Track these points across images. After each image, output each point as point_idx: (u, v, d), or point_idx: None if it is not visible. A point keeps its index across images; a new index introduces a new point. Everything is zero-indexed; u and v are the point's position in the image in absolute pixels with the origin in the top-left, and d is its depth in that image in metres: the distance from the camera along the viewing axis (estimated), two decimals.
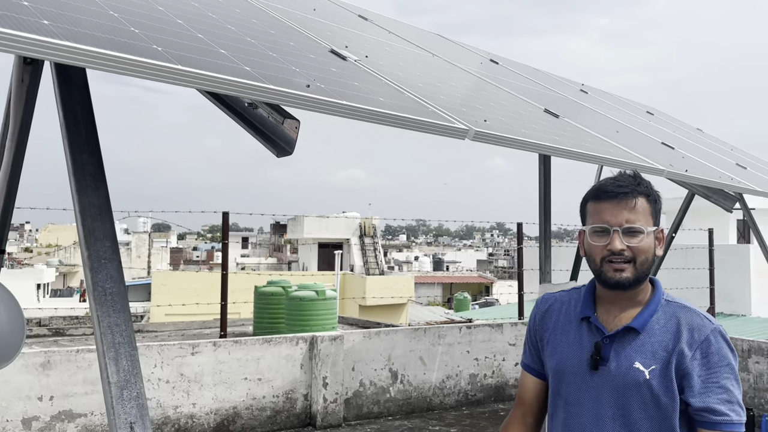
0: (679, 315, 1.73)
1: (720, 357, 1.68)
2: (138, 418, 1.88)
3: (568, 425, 1.77)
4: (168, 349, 6.05)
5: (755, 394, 6.70)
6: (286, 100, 1.62)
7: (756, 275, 13.88)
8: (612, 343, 1.73)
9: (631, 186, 1.75)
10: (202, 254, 55.58)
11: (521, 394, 1.95)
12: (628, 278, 1.71)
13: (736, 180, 4.34)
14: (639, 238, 1.71)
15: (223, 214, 6.92)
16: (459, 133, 2.18)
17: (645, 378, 1.67)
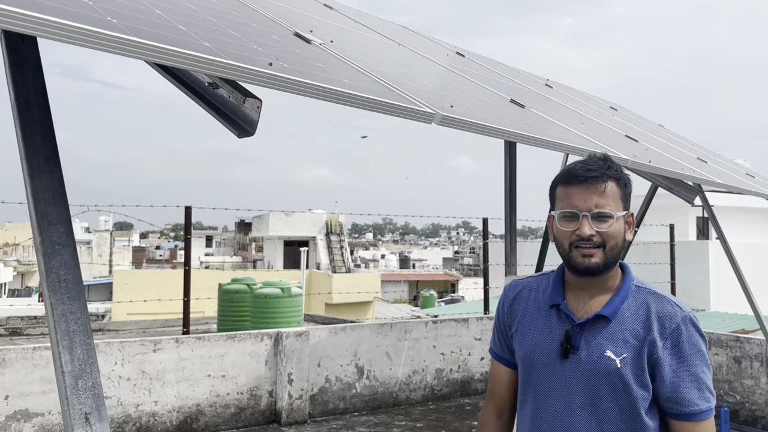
0: (649, 302, 1.71)
1: (690, 345, 1.67)
2: (93, 409, 1.81)
3: (538, 415, 1.74)
4: (129, 346, 5.91)
5: (714, 385, 6.80)
6: (247, 77, 1.57)
7: (715, 271, 14.19)
8: (582, 331, 1.70)
9: (601, 170, 1.70)
10: (165, 253, 54.77)
11: (494, 385, 1.92)
12: (597, 264, 1.67)
13: (698, 172, 4.40)
14: (608, 223, 1.67)
15: (186, 209, 6.80)
16: (425, 116, 2.15)
17: (616, 366, 1.64)
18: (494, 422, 1.90)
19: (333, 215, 33.34)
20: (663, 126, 7.37)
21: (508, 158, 3.80)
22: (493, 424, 1.90)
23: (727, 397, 6.70)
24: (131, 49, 1.36)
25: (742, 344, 6.67)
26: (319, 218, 33.58)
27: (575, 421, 1.68)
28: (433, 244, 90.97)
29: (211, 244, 57.17)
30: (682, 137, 7.21)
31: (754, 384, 6.51)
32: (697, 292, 14.23)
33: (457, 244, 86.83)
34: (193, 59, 1.46)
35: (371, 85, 2.07)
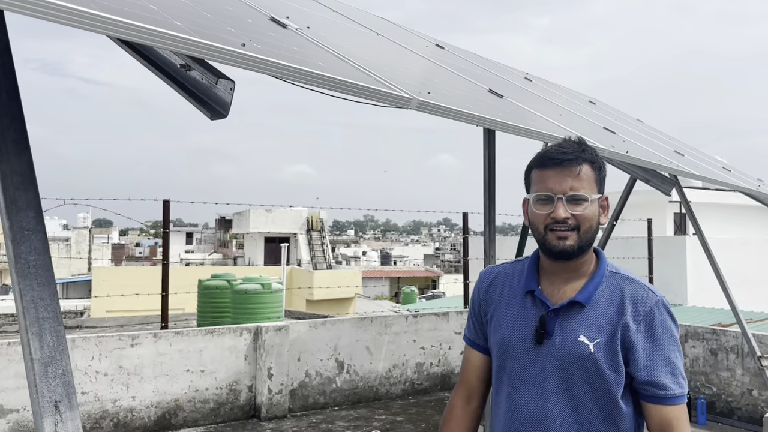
0: (623, 287, 1.71)
1: (664, 329, 1.67)
2: (63, 397, 1.78)
3: (513, 400, 1.73)
4: (106, 340, 5.84)
5: (691, 377, 6.90)
6: (218, 56, 1.54)
7: (692, 266, 14.34)
8: (557, 316, 1.70)
9: (576, 153, 1.71)
10: (145, 250, 54.27)
11: (466, 371, 1.91)
12: (572, 246, 1.68)
13: (674, 164, 4.44)
14: (583, 206, 1.68)
15: (164, 202, 6.72)
16: (402, 101, 2.13)
17: (590, 351, 1.64)
18: (462, 408, 1.88)
19: (314, 212, 33.26)
20: (641, 120, 7.42)
21: (487, 149, 3.80)
22: (461, 409, 1.88)
23: (704, 389, 6.77)
24: (95, 24, 1.32)
25: (718, 337, 6.74)
26: (300, 215, 33.47)
27: (550, 407, 1.67)
28: (415, 241, 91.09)
29: (192, 241, 56.75)
30: (660, 131, 7.27)
31: (730, 376, 6.59)
32: (675, 286, 14.38)
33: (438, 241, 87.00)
34: (161, 36, 1.43)
35: (347, 70, 2.05)
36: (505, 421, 1.75)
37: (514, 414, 1.72)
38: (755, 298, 14.07)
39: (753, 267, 15.02)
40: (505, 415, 1.75)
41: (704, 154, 7.21)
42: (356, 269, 32.20)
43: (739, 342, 6.52)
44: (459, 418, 1.87)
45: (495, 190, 4.05)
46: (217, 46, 1.54)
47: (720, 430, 6.32)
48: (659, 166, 4.02)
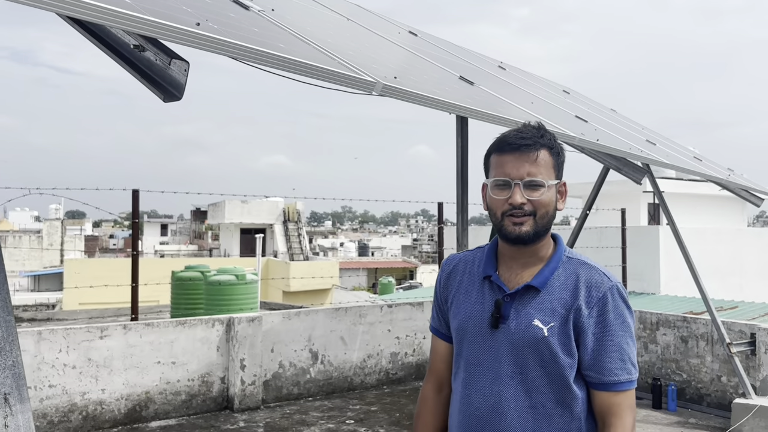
0: (579, 272, 1.71)
1: (616, 315, 1.67)
2: (14, 389, 1.71)
3: (468, 385, 1.73)
4: (74, 333, 5.73)
5: (662, 365, 6.97)
6: (171, 36, 1.49)
7: (665, 255, 14.51)
8: (512, 301, 1.70)
9: (534, 138, 1.70)
10: (120, 242, 53.64)
11: (433, 360, 1.92)
12: (528, 232, 1.67)
13: (646, 152, 4.44)
14: (540, 192, 1.67)
15: (133, 192, 6.61)
16: (366, 85, 2.09)
17: (543, 335, 1.65)
18: (434, 397, 1.90)
19: (291, 202, 33.09)
20: (615, 110, 7.46)
21: (460, 137, 3.77)
22: (433, 399, 1.90)
23: (675, 376, 6.85)
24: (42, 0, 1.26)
25: (689, 324, 6.81)
26: (277, 206, 33.28)
27: (504, 390, 1.68)
28: (392, 232, 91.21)
29: (167, 232, 56.19)
30: (633, 121, 7.30)
31: (700, 363, 6.67)
32: (648, 275, 14.54)
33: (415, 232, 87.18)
34: (112, 14, 1.36)
35: (309, 52, 2.00)
36: (461, 406, 1.75)
37: (470, 399, 1.73)
38: (726, 287, 14.29)
39: (724, 257, 15.24)
40: (460, 399, 1.75)
41: (676, 144, 7.26)
42: (333, 260, 32.14)
43: (709, 329, 6.60)
44: (432, 409, 1.89)
45: (468, 178, 4.03)
46: (170, 26, 1.48)
47: (690, 416, 6.39)
48: (630, 154, 4.03)
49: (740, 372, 5.93)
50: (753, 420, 5.66)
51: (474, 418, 1.71)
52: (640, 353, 7.16)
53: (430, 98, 2.41)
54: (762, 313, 11.28)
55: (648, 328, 7.13)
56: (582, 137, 3.45)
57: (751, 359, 6.23)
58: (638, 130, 6.27)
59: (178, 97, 1.62)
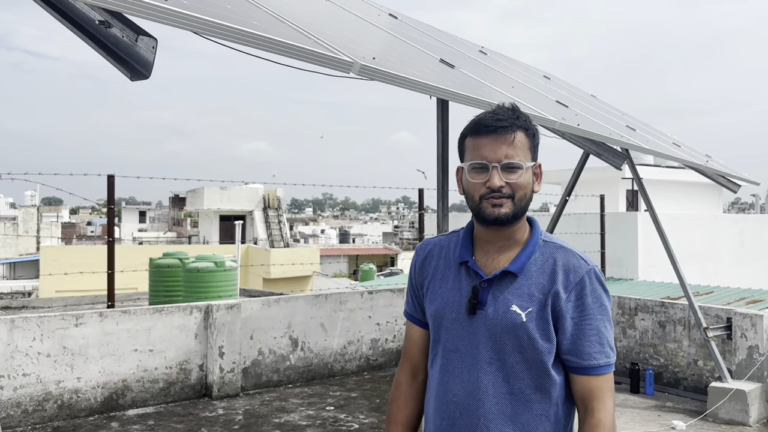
0: (556, 256, 1.69)
1: (594, 298, 1.66)
2: None
3: (446, 371, 1.71)
4: (48, 320, 5.64)
5: (641, 349, 7.03)
6: (137, 10, 1.42)
7: (643, 241, 14.64)
8: (490, 286, 1.68)
9: (510, 120, 1.68)
10: (97, 229, 53.03)
11: (408, 346, 1.90)
12: (507, 214, 1.66)
13: (626, 137, 4.44)
14: (518, 174, 1.66)
15: (108, 177, 6.49)
16: (343, 65, 2.03)
17: (521, 321, 1.63)
18: (408, 383, 1.88)
19: (271, 189, 32.88)
20: (595, 96, 7.46)
21: (440, 121, 3.72)
22: (407, 384, 1.88)
23: (652, 360, 6.91)
24: None
25: (666, 309, 6.87)
26: (256, 192, 33.05)
27: (482, 377, 1.66)
28: (373, 219, 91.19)
29: (145, 219, 55.66)
30: (613, 107, 7.31)
31: (677, 347, 6.73)
32: (626, 261, 14.66)
33: (396, 219, 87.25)
34: None
35: (285, 30, 1.94)
36: (438, 392, 1.73)
37: (447, 385, 1.71)
38: (702, 272, 14.46)
39: (700, 242, 15.41)
40: (438, 386, 1.73)
41: (655, 130, 7.28)
42: (314, 247, 32.05)
43: (686, 314, 6.66)
44: (406, 394, 1.87)
45: (449, 163, 3.99)
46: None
47: (666, 399, 6.45)
48: (610, 139, 4.01)
49: (716, 356, 6.00)
50: (729, 403, 5.73)
51: (452, 404, 1.69)
52: (618, 338, 7.22)
53: (410, 80, 2.36)
54: (737, 298, 11.44)
55: (626, 314, 7.18)
56: (563, 122, 3.43)
57: (727, 343, 6.30)
58: (618, 116, 6.27)
59: (146, 75, 1.56)
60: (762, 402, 5.83)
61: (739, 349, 6.10)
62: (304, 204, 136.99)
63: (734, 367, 6.12)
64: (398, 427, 1.85)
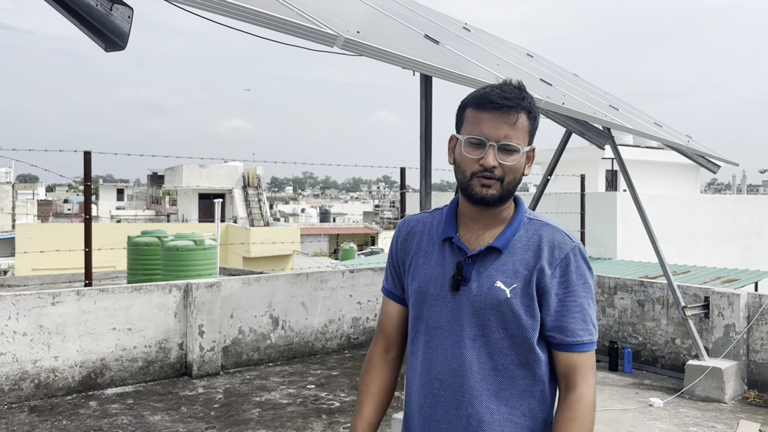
0: (541, 233, 1.68)
1: (578, 275, 1.66)
2: None
3: (430, 348, 1.70)
4: (24, 299, 5.55)
5: (619, 328, 7.10)
6: None
7: (622, 221, 14.76)
8: (474, 263, 1.67)
9: (516, 99, 1.63)
10: (74, 206, 52.35)
11: (383, 322, 1.87)
12: (494, 195, 1.64)
13: (609, 117, 4.43)
14: (513, 157, 1.63)
15: (85, 154, 6.37)
16: (327, 38, 1.97)
17: (506, 297, 1.62)
18: (382, 357, 1.85)
19: (250, 167, 32.64)
20: (577, 75, 7.44)
21: (424, 98, 3.67)
22: (381, 359, 1.85)
23: (631, 339, 6.99)
24: None
25: (645, 288, 6.93)
26: (236, 170, 32.78)
27: (467, 354, 1.65)
28: (354, 199, 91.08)
29: (123, 197, 55.03)
30: (596, 86, 7.30)
31: (655, 326, 6.81)
32: (605, 241, 14.79)
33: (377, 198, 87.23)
34: None
35: (266, 2, 1.87)
36: (422, 370, 1.72)
37: (432, 362, 1.69)
38: (679, 252, 14.64)
39: (678, 222, 15.58)
40: (422, 363, 1.72)
41: (637, 110, 7.29)
42: (294, 226, 31.94)
43: (664, 293, 6.73)
44: (378, 367, 1.85)
45: (432, 141, 3.96)
46: None
47: (644, 377, 6.54)
48: (594, 118, 4.00)
49: (694, 334, 6.07)
50: (705, 381, 5.81)
51: (437, 381, 1.68)
52: (597, 317, 7.28)
53: (395, 55, 2.31)
54: (713, 278, 11.60)
55: (606, 293, 7.24)
56: (548, 100, 3.40)
57: (704, 322, 6.38)
58: (601, 95, 6.27)
59: (121, 46, 1.49)
60: (737, 379, 5.92)
61: (716, 328, 6.18)
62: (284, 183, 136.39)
63: (711, 345, 6.21)
64: (369, 398, 1.82)
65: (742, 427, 5.11)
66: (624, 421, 5.25)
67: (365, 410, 1.80)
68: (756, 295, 6.15)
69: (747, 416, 5.40)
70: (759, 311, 6.00)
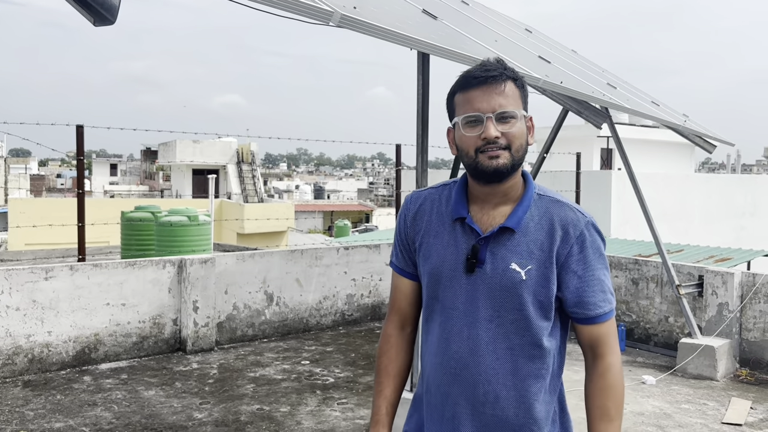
0: (552, 210, 1.69)
1: (594, 250, 1.68)
2: None
3: (446, 328, 1.72)
4: (17, 274, 5.52)
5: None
6: None
7: (616, 199, 14.79)
8: (487, 244, 1.67)
9: (499, 70, 1.66)
10: (67, 181, 52.07)
11: (397, 298, 1.88)
12: (505, 164, 1.63)
13: (607, 96, 4.39)
14: (512, 124, 1.63)
15: (77, 128, 6.29)
16: (323, 15, 1.93)
17: (521, 279, 1.64)
18: (398, 335, 1.88)
19: (245, 143, 32.46)
20: (576, 51, 7.38)
21: (421, 74, 3.62)
22: (397, 336, 1.87)
23: (624, 317, 7.02)
24: None
25: (640, 267, 6.95)
26: (230, 146, 32.61)
27: (482, 334, 1.67)
28: (348, 176, 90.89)
29: (116, 172, 54.76)
30: (594, 63, 7.24)
31: (649, 304, 6.84)
32: (600, 219, 14.72)
33: (372, 176, 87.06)
34: None
35: None
36: (438, 349, 1.74)
37: (448, 342, 1.72)
38: (673, 230, 14.69)
39: (672, 201, 15.61)
40: (438, 342, 1.74)
41: (635, 87, 7.25)
42: (289, 203, 31.86)
43: (659, 272, 6.75)
44: (397, 346, 1.87)
45: (428, 117, 3.92)
46: None
47: (637, 355, 6.58)
48: (593, 98, 3.96)
49: (687, 313, 6.10)
50: (698, 359, 5.86)
51: (453, 360, 1.71)
52: None
53: (393, 32, 2.27)
54: (706, 257, 11.65)
55: None
56: (546, 79, 3.36)
57: (698, 300, 6.41)
58: (599, 73, 6.22)
59: (111, 20, 1.45)
60: (729, 357, 5.97)
61: (710, 306, 6.22)
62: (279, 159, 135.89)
63: (704, 323, 6.24)
64: (390, 379, 1.85)
65: (733, 404, 5.16)
66: None
67: (387, 390, 1.84)
68: (750, 274, 6.17)
69: (738, 394, 5.45)
70: (752, 290, 6.03)
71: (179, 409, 4.90)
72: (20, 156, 57.88)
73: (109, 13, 1.45)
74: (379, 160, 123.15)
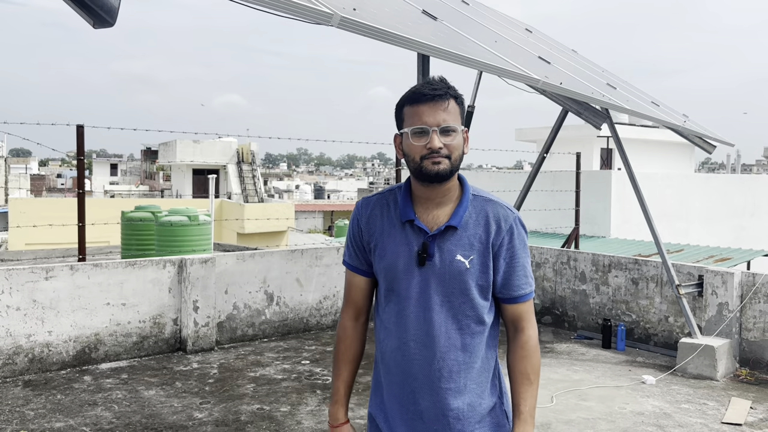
0: (487, 209, 2.00)
1: (519, 240, 2.01)
2: None
3: (403, 315, 2.00)
4: (17, 273, 5.52)
5: (613, 306, 7.14)
6: None
7: (616, 199, 14.78)
8: (435, 240, 1.97)
9: (444, 89, 1.93)
10: (68, 181, 52.04)
11: (352, 293, 2.16)
12: (446, 169, 1.92)
13: (607, 97, 4.39)
14: (453, 136, 1.92)
15: (78, 128, 6.29)
16: (322, 17, 1.94)
17: (465, 268, 1.95)
18: (352, 325, 2.16)
19: (245, 143, 32.45)
20: (576, 51, 7.38)
21: (421, 74, 3.63)
22: (352, 327, 2.16)
23: (624, 317, 7.03)
24: None
25: (639, 266, 6.96)
26: (230, 146, 32.60)
27: (435, 317, 1.97)
28: (348, 175, 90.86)
29: (116, 172, 54.75)
30: (594, 63, 7.24)
31: (649, 304, 6.84)
32: (599, 219, 14.82)
33: (372, 175, 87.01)
34: None
35: None
36: (397, 333, 2.01)
37: (405, 326, 1.99)
38: (672, 230, 14.69)
39: (672, 201, 15.61)
40: (396, 328, 2.01)
41: (634, 87, 7.25)
42: (289, 203, 31.85)
43: (659, 271, 6.75)
44: (352, 336, 2.17)
45: None
46: None
47: (637, 354, 6.59)
48: (592, 99, 3.97)
49: (687, 313, 6.11)
50: (697, 358, 5.86)
51: (411, 342, 1.99)
52: (591, 295, 7.32)
53: (392, 34, 2.28)
54: (706, 256, 11.66)
55: (600, 270, 7.27)
56: (546, 80, 3.37)
57: (698, 300, 6.42)
58: (598, 73, 6.21)
59: (110, 23, 1.46)
60: (729, 357, 5.97)
61: (710, 306, 6.22)
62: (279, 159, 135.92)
63: (704, 323, 6.25)
64: (347, 364, 2.16)
65: (733, 404, 5.17)
66: (617, 398, 5.29)
67: (345, 374, 2.16)
68: (750, 273, 6.17)
69: (738, 393, 5.46)
70: (752, 290, 6.03)
71: (179, 409, 4.90)
72: (20, 156, 57.88)
73: (109, 15, 1.46)
74: (379, 160, 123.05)
